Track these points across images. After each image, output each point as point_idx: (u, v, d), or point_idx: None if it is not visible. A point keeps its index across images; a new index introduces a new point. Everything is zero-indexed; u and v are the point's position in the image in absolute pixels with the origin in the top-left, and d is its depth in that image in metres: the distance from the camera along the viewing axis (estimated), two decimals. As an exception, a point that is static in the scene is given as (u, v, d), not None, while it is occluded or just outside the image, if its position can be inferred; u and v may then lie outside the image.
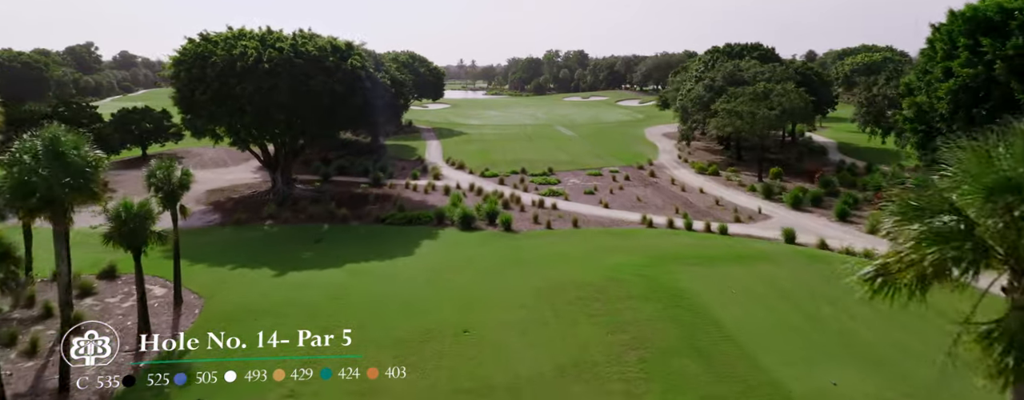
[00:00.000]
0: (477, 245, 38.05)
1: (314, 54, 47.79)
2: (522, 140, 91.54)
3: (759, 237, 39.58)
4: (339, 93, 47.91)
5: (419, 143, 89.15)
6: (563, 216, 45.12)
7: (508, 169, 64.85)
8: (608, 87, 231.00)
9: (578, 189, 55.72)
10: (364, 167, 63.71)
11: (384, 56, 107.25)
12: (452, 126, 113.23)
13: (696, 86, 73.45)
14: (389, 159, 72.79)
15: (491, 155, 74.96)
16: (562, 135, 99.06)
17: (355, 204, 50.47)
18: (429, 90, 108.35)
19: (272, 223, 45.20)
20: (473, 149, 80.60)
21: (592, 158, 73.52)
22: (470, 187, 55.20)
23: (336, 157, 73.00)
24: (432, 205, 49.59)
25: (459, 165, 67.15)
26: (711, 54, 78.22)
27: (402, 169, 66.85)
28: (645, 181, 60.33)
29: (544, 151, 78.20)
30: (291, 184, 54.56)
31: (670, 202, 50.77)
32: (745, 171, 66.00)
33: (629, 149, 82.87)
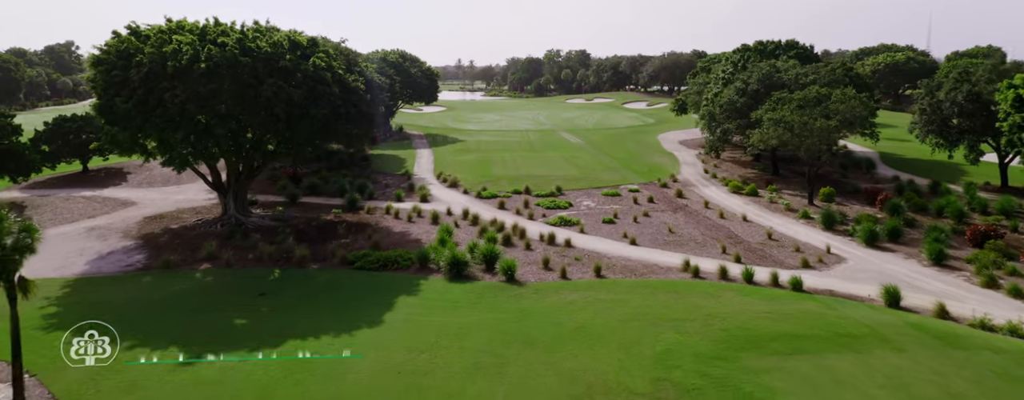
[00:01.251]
0: (469, 309, 28.27)
1: (267, 52, 38.04)
2: (524, 149, 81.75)
3: (850, 296, 29.79)
4: (298, 101, 38.13)
5: (409, 153, 79.39)
6: (581, 259, 35.36)
7: (510, 187, 55.13)
8: (612, 88, 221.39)
9: (595, 216, 45.97)
10: (340, 186, 53.96)
11: (370, 55, 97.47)
12: (447, 132, 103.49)
13: (725, 90, 63.75)
14: (371, 174, 63.05)
15: (490, 169, 65.20)
16: (568, 143, 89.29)
17: (321, 237, 40.76)
18: (422, 93, 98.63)
19: (210, 267, 35.40)
20: (469, 161, 70.83)
21: (606, 172, 63.76)
22: (464, 214, 45.44)
23: (310, 172, 63.27)
24: (415, 240, 39.86)
25: (452, 183, 57.39)
26: (741, 53, 68.58)
27: (385, 187, 57.09)
28: (673, 204, 50.56)
29: (550, 164, 68.45)
30: (246, 210, 44.81)
31: (710, 234, 41.05)
32: (786, 189, 56.34)
33: (646, 160, 73.11)
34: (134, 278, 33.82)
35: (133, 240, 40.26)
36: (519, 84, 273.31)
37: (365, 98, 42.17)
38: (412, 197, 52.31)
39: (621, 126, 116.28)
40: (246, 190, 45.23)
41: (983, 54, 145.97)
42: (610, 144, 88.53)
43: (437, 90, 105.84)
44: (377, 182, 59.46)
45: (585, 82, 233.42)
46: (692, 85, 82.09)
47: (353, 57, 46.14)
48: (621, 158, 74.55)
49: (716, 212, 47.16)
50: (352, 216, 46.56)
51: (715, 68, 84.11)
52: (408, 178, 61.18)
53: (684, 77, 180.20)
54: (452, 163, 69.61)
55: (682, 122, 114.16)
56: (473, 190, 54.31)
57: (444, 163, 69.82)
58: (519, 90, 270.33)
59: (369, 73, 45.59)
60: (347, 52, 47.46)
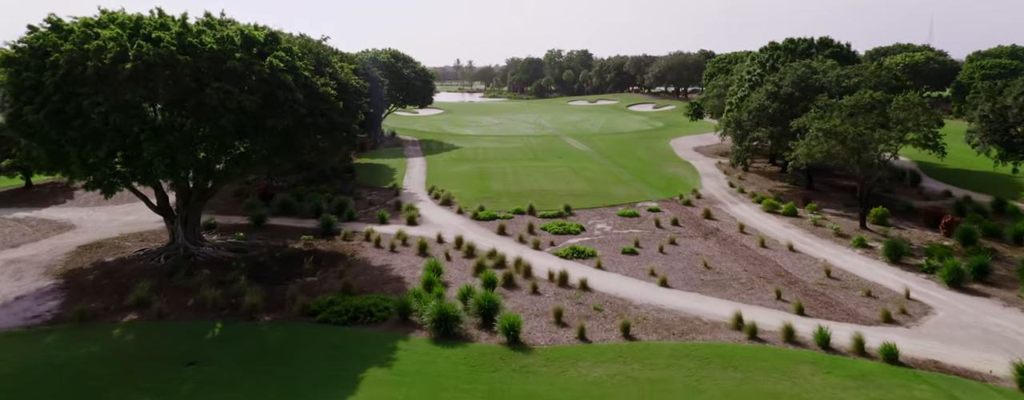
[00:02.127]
0: (458, 393, 21.07)
1: (212, 49, 30.82)
2: (526, 158, 74.57)
3: (965, 372, 22.57)
4: (251, 109, 30.93)
5: (399, 162, 72.26)
6: (602, 309, 28.15)
7: (511, 206, 47.95)
8: (616, 89, 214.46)
9: (612, 244, 38.80)
10: (316, 205, 46.76)
11: (360, 55, 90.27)
12: (443, 137, 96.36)
13: (753, 93, 56.60)
14: (355, 189, 55.88)
15: (488, 182, 58.01)
16: (574, 150, 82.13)
17: (284, 273, 33.61)
18: (415, 95, 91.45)
19: (136, 319, 28.21)
20: (465, 172, 63.64)
21: (619, 186, 56.56)
22: (457, 242, 38.25)
23: (286, 186, 56.07)
24: (396, 278, 32.69)
25: (445, 200, 50.19)
26: (769, 52, 61.43)
27: (369, 205, 49.93)
28: (701, 227, 43.39)
29: (556, 176, 61.23)
30: (198, 238, 37.63)
31: (756, 271, 33.88)
32: (827, 207, 49.22)
33: (661, 171, 65.93)
34: (36, 336, 26.59)
35: (53, 279, 33.02)
36: (519, 85, 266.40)
37: (336, 105, 34.91)
38: (398, 218, 45.14)
39: (629, 130, 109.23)
40: (199, 213, 38.04)
41: (1008, 54, 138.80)
42: (619, 151, 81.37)
43: (432, 92, 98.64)
44: (360, 198, 52.32)
45: (587, 83, 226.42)
46: (709, 88, 75.04)
47: (325, 56, 39.16)
48: (634, 168, 67.37)
49: (755, 239, 39.97)
50: (326, 243, 39.39)
51: (736, 68, 77.16)
52: (396, 194, 53.97)
53: (691, 78, 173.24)
54: (446, 175, 62.42)
55: (694, 126, 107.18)
56: (469, 209, 47.14)
57: (437, 175, 62.61)
58: (519, 91, 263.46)
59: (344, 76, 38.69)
60: (320, 50, 40.33)
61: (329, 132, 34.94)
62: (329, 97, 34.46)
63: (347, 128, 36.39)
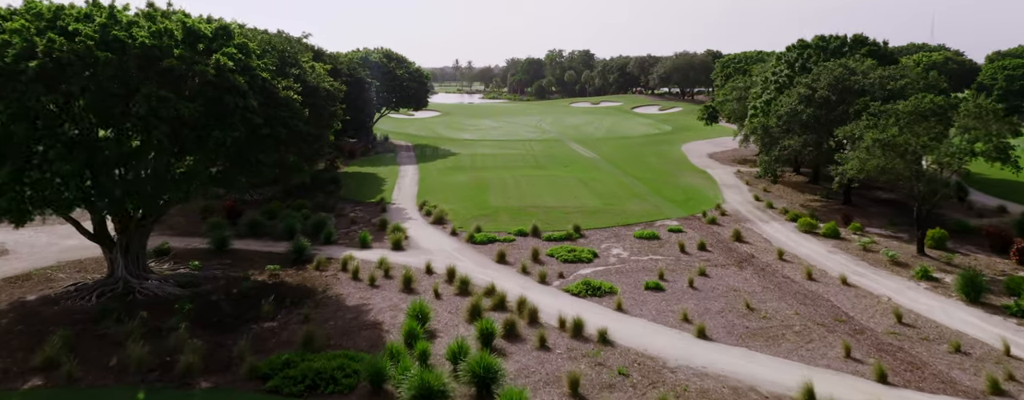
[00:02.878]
0: None
1: (144, 45, 24.91)
2: (528, 166, 68.68)
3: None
4: (191, 118, 25.04)
5: (390, 170, 66.39)
6: (629, 374, 22.23)
7: (512, 225, 42.08)
8: (618, 90, 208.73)
9: (632, 275, 32.90)
10: (290, 225, 40.80)
11: (350, 55, 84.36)
12: (439, 142, 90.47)
13: (782, 96, 50.75)
14: (337, 204, 49.97)
15: (486, 195, 52.10)
16: (579, 157, 76.25)
17: (237, 315, 27.76)
18: (409, 98, 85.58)
19: (39, 384, 22.32)
20: (462, 183, 57.73)
21: (633, 201, 50.64)
22: (448, 274, 32.33)
23: (259, 201, 50.15)
24: (373, 324, 26.81)
25: (437, 217, 44.27)
26: (798, 51, 55.46)
27: (351, 224, 44.04)
28: (733, 252, 37.50)
29: (561, 188, 55.29)
30: (142, 269, 31.74)
31: (807, 312, 28.01)
32: (870, 225, 43.41)
33: (677, 181, 60.04)
34: (-98, 413, 20.69)
35: (-45, 325, 27.10)
36: (519, 86, 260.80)
37: (301, 112, 28.96)
38: (382, 241, 39.23)
39: (636, 135, 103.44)
40: (145, 239, 32.13)
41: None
42: (629, 158, 75.48)
43: (427, 94, 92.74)
44: (343, 215, 46.43)
45: (590, 84, 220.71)
46: (727, 90, 69.15)
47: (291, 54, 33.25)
48: (647, 178, 61.47)
49: (799, 269, 34.08)
50: (295, 274, 33.49)
51: (755, 69, 71.50)
52: (383, 210, 48.06)
53: (698, 79, 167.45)
54: (440, 186, 56.49)
55: (705, 130, 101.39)
56: (464, 230, 41.26)
57: (431, 186, 56.68)
58: (519, 92, 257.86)
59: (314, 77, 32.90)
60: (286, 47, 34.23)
61: (293, 144, 29.00)
62: (292, 103, 28.50)
63: (317, 139, 30.45)
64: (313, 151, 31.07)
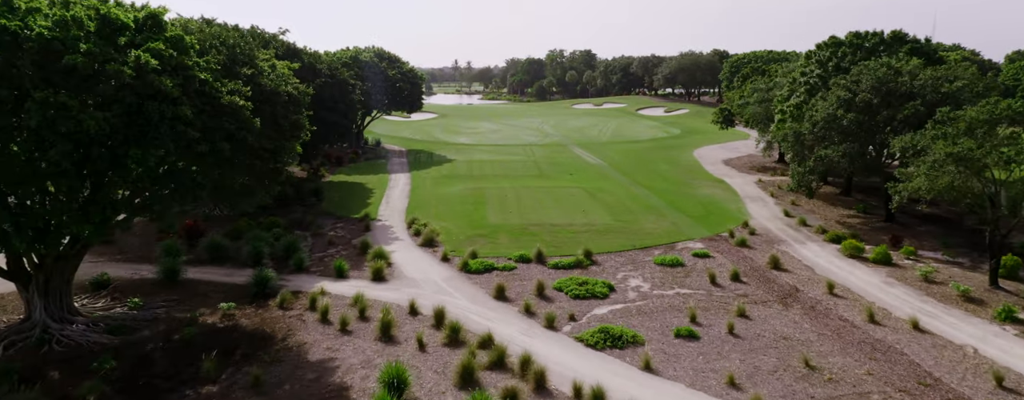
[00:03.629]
0: None
1: (41, 36, 19.34)
2: (530, 174, 63.14)
3: None
4: (101, 133, 19.47)
5: (379, 179, 60.82)
6: (672, 477, 16.71)
7: (513, 248, 36.55)
8: (621, 91, 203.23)
9: (658, 317, 27.35)
10: (256, 249, 35.21)
11: (339, 55, 78.79)
12: (434, 146, 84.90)
13: (816, 100, 45.20)
14: (316, 219, 44.43)
15: (483, 210, 46.52)
16: (585, 163, 70.69)
17: (171, 375, 22.26)
18: (402, 100, 79.97)
19: None
20: (457, 195, 52.14)
21: (648, 217, 45.07)
22: (436, 317, 26.76)
23: (227, 218, 44.57)
24: (339, 389, 21.24)
25: (427, 239, 38.66)
26: (831, 49, 49.85)
27: (328, 247, 38.48)
28: (774, 285, 31.94)
29: (568, 202, 49.68)
30: (65, 311, 26.21)
31: (882, 372, 22.50)
32: (922, 247, 37.88)
33: (694, 193, 54.48)
34: None
35: None
36: (519, 87, 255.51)
37: (250, 123, 23.34)
38: (362, 269, 33.66)
39: (643, 138, 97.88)
40: (70, 274, 26.58)
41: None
42: (638, 165, 69.94)
43: (421, 96, 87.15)
44: (321, 234, 40.90)
45: (591, 85, 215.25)
46: (747, 91, 63.53)
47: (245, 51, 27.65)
48: (660, 189, 55.90)
49: (856, 308, 28.56)
50: (253, 314, 27.95)
51: (776, 69, 66.17)
52: (366, 228, 42.47)
53: (704, 80, 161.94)
54: (433, 200, 50.91)
55: (716, 134, 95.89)
56: (457, 254, 35.70)
57: (422, 199, 51.09)
58: (519, 93, 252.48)
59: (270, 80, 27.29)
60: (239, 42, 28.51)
61: (241, 162, 23.42)
62: (239, 111, 22.89)
63: (276, 154, 24.87)
64: (270, 169, 25.49)
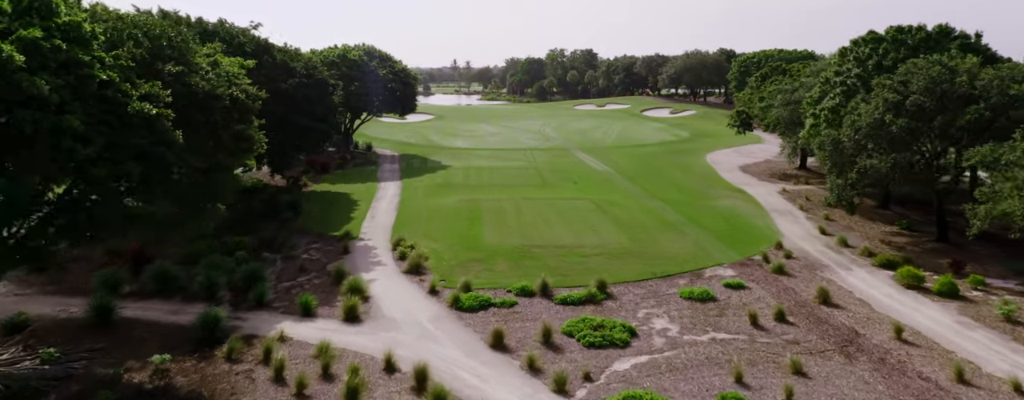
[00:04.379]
0: None
1: None
2: (532, 184, 57.77)
3: None
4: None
5: (366, 189, 55.46)
6: None
7: (513, 277, 31.17)
8: (624, 91, 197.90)
9: (694, 377, 22.00)
10: (209, 281, 29.77)
11: (326, 53, 73.42)
12: (429, 151, 79.53)
13: (858, 104, 39.82)
14: (290, 238, 39.07)
15: (479, 229, 41.09)
16: (590, 170, 65.31)
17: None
18: (394, 102, 74.60)
19: None
20: (450, 209, 46.73)
21: (668, 235, 39.63)
22: (416, 377, 21.38)
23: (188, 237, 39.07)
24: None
25: (414, 265, 33.23)
26: (870, 45, 44.39)
27: (300, 272, 33.12)
28: (828, 327, 26.56)
29: (575, 217, 44.23)
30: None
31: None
32: (988, 274, 32.50)
33: (714, 205, 49.11)
34: None
35: None
36: (519, 87, 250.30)
37: (170, 136, 17.88)
38: (333, 304, 28.26)
39: (651, 142, 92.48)
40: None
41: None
42: (648, 172, 64.57)
43: (416, 97, 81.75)
44: (292, 257, 35.52)
45: (593, 85, 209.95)
46: (769, 92, 57.98)
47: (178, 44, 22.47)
48: (676, 201, 50.53)
49: (936, 360, 23.19)
50: (193, 369, 22.58)
51: (798, 69, 60.95)
52: (345, 250, 37.03)
53: (710, 80, 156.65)
54: (423, 213, 45.52)
55: (728, 137, 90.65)
56: (448, 285, 30.36)
57: (412, 214, 45.70)
58: (519, 93, 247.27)
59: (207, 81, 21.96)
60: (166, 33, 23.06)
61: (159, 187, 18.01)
62: (156, 121, 17.47)
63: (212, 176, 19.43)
64: (205, 194, 20.13)
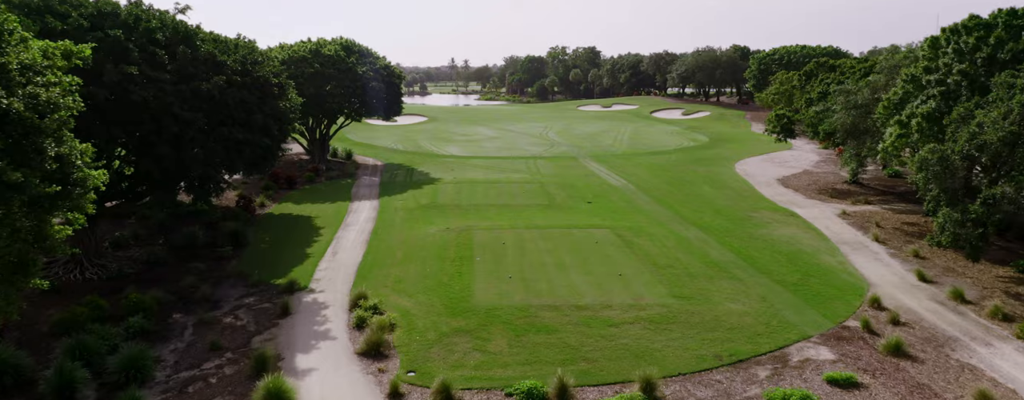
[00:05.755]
0: None
1: None
2: (537, 205, 47.72)
3: None
4: None
5: (337, 210, 45.59)
6: None
7: (515, 364, 21.25)
8: (630, 91, 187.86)
9: None
10: (65, 376, 19.84)
11: (296, 48, 63.47)
12: (418, 160, 69.54)
13: (966, 109, 29.80)
14: (214, 290, 29.05)
15: (468, 273, 30.95)
16: (605, 185, 55.20)
17: None
18: (374, 105, 64.39)
19: None
20: (433, 241, 36.64)
21: (722, 286, 29.53)
22: None
23: (96, 277, 29.16)
24: None
25: (375, 340, 23.15)
26: (975, 34, 34.19)
27: (209, 351, 23.13)
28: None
29: (592, 253, 34.08)
30: None
31: None
32: None
33: (768, 237, 39.07)
34: None
35: None
36: (519, 86, 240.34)
37: None
38: (239, 425, 18.30)
39: (668, 149, 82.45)
40: None
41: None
42: (673, 187, 54.56)
43: (400, 98, 71.66)
44: (208, 323, 25.59)
45: (597, 84, 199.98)
46: (831, 95, 47.31)
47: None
48: (718, 229, 40.55)
49: None
50: None
51: (848, 64, 51.14)
52: (284, 311, 26.89)
53: (723, 78, 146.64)
54: (398, 250, 35.47)
55: (752, 142, 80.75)
56: (421, 382, 20.40)
57: (384, 250, 35.63)
58: (518, 93, 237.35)
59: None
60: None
61: None
62: None
63: None
64: None
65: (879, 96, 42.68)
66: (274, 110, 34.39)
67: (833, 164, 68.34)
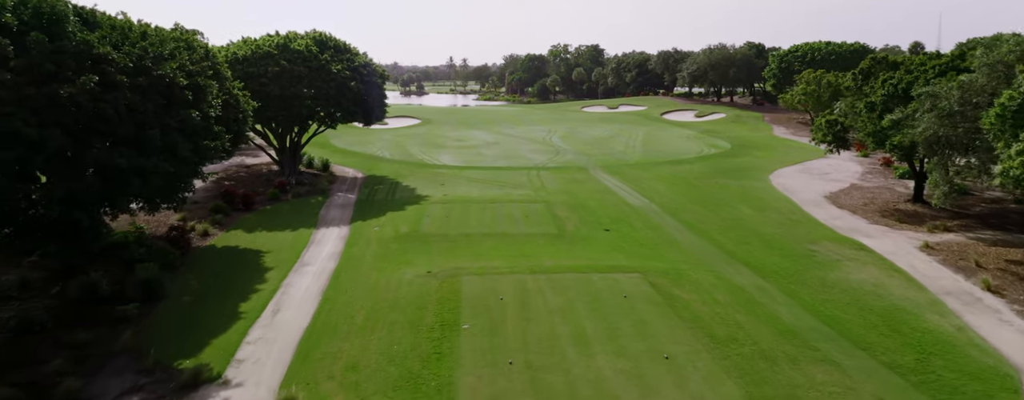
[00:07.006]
0: None
1: None
2: (542, 233, 38.67)
3: None
4: None
5: (295, 240, 36.66)
6: None
7: None
8: (636, 91, 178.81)
9: None
10: None
11: (260, 43, 54.58)
12: (405, 171, 60.60)
13: None
14: (91, 379, 20.08)
15: (452, 352, 21.89)
16: (623, 205, 46.08)
17: None
18: (353, 110, 55.35)
19: None
20: (408, 292, 27.56)
21: (816, 381, 20.60)
22: None
23: None
24: None
25: None
26: None
27: None
28: None
29: (622, 319, 25.02)
30: None
31: None
32: None
33: (846, 282, 30.06)
34: None
35: None
36: (518, 86, 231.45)
37: None
38: None
39: (688, 156, 73.42)
40: None
41: None
42: (704, 208, 45.56)
43: (384, 100, 62.66)
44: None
45: (602, 83, 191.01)
46: (921, 100, 37.83)
47: None
48: (777, 272, 31.53)
49: None
50: None
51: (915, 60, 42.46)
52: (173, 425, 18.06)
53: (738, 78, 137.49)
54: (360, 306, 26.40)
55: (776, 147, 71.98)
56: None
57: (341, 310, 26.50)
58: (518, 92, 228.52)
59: None
60: None
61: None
62: None
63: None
64: None
65: (977, 100, 33.75)
66: (186, 123, 25.32)
67: (881, 176, 59.56)
